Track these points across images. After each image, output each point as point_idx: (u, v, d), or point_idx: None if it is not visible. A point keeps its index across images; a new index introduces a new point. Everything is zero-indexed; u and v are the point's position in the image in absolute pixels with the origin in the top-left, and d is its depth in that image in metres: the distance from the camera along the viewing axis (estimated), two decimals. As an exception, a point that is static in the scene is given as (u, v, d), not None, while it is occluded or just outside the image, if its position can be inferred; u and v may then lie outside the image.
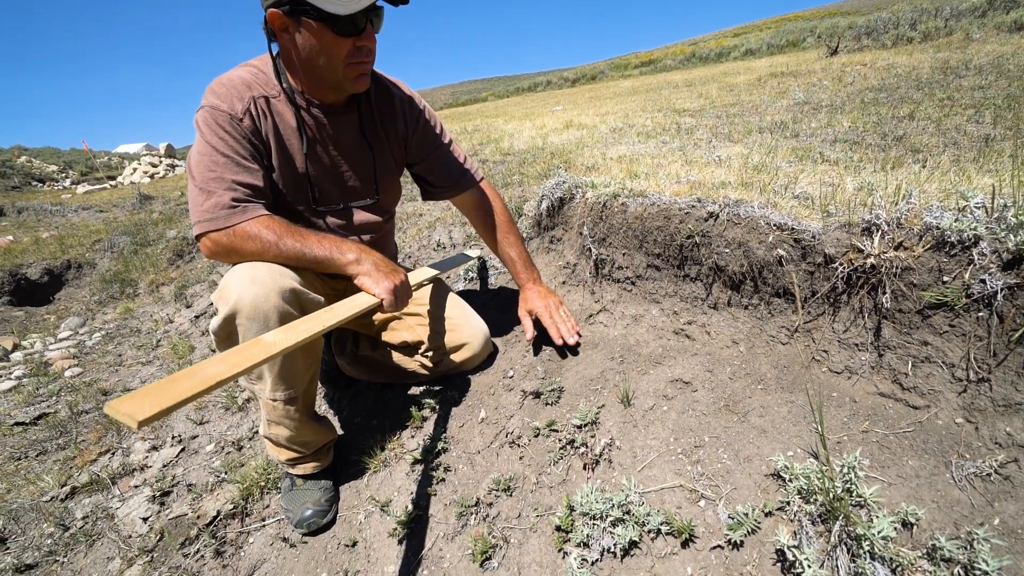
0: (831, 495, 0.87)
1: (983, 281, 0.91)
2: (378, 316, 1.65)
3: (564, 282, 1.87)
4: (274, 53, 1.31)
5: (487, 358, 1.72)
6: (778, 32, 15.30)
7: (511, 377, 1.60)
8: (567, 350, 1.59)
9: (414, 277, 1.59)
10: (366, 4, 1.15)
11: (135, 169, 16.98)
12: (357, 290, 1.30)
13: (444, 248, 2.66)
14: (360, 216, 1.53)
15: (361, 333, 1.82)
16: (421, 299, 1.71)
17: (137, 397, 0.83)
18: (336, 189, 1.45)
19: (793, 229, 1.19)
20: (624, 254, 1.58)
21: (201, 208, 1.17)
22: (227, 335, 1.19)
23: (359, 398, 1.93)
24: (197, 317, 3.55)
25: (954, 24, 6.10)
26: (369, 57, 1.30)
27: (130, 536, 1.58)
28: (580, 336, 1.59)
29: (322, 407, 1.98)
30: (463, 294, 2.27)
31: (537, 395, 1.46)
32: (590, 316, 1.67)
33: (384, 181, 1.54)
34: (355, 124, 1.43)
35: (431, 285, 1.74)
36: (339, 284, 1.54)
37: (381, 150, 1.50)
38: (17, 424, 2.42)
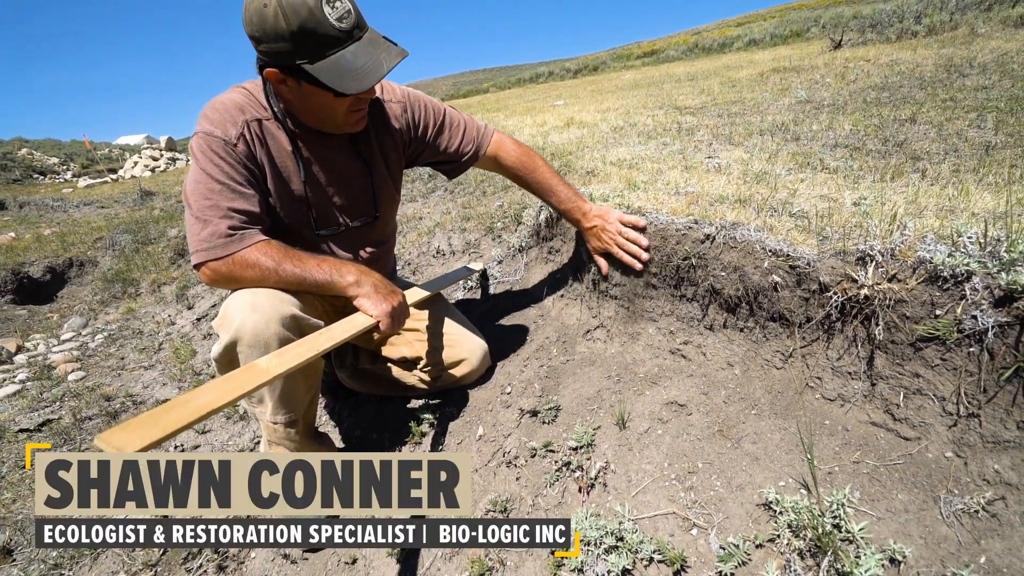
0: (820, 530, 0.88)
1: (975, 317, 0.92)
2: (376, 335, 1.66)
3: (562, 295, 1.87)
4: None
5: (486, 372, 1.74)
6: (782, 22, 15.13)
7: (509, 393, 1.61)
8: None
9: (414, 295, 1.60)
10: (374, 82, 1.16)
11: (136, 163, 16.96)
12: (356, 308, 1.31)
13: (443, 255, 2.67)
14: (362, 235, 1.53)
15: (361, 347, 1.84)
16: (420, 314, 1.72)
17: (128, 428, 0.84)
18: (335, 210, 1.45)
19: (788, 256, 1.19)
20: (622, 271, 1.59)
21: (198, 237, 1.18)
22: (228, 362, 1.20)
23: (359, 410, 1.95)
24: (199, 319, 3.57)
25: (959, 18, 6.03)
26: (367, 103, 1.31)
27: (134, 550, 1.61)
28: (648, 251, 1.50)
29: (323, 418, 2.00)
30: (463, 303, 2.28)
31: (534, 413, 1.47)
32: (587, 331, 1.68)
33: (383, 197, 1.54)
34: (348, 144, 1.43)
35: (431, 300, 1.75)
36: (338, 302, 1.55)
37: (378, 165, 1.49)
38: (22, 431, 2.45)
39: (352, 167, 1.44)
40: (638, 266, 1.51)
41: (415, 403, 1.81)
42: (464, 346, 1.65)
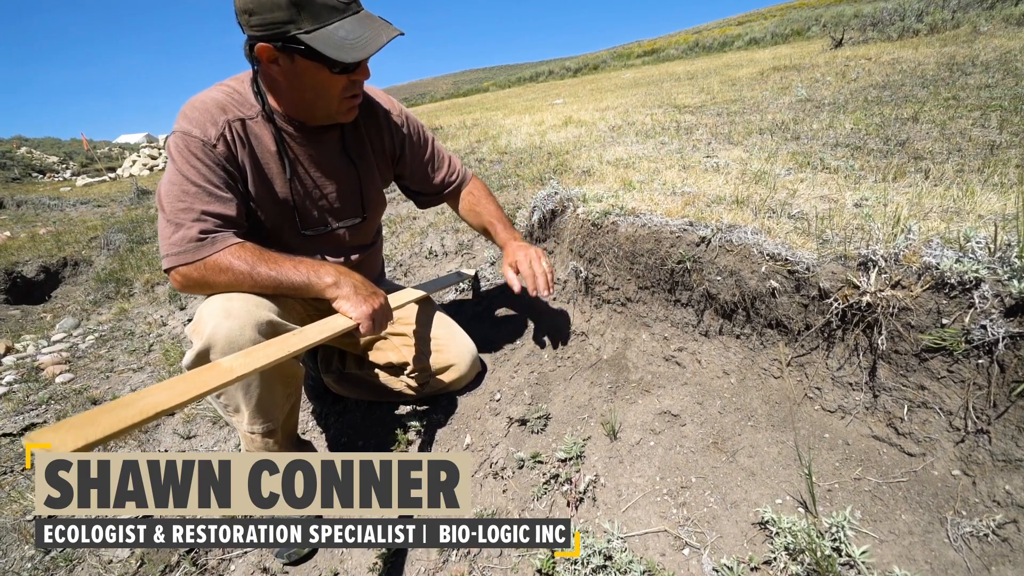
0: (819, 554, 0.83)
1: (984, 327, 0.86)
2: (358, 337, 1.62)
3: (555, 298, 1.82)
4: (255, 70, 1.24)
5: (475, 377, 1.69)
6: (783, 20, 15.06)
7: (498, 400, 1.56)
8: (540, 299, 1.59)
9: (400, 297, 1.54)
10: (371, 52, 1.12)
11: (134, 162, 16.91)
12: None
13: (436, 256, 2.61)
14: (348, 237, 1.48)
15: (347, 351, 1.78)
16: (407, 319, 1.67)
17: (62, 428, 0.78)
18: (321, 212, 1.40)
19: (787, 260, 1.14)
20: (615, 275, 1.53)
21: (169, 241, 1.12)
22: None
23: (346, 415, 1.90)
24: (190, 320, 3.52)
25: (961, 16, 5.97)
26: (361, 89, 1.26)
27: (111, 561, 1.56)
28: (553, 290, 1.49)
29: (309, 423, 1.94)
30: (453, 306, 2.22)
31: (523, 422, 1.42)
32: (580, 336, 1.62)
33: (371, 199, 1.49)
34: (338, 143, 1.38)
35: (418, 303, 1.69)
36: (323, 304, 1.50)
37: (366, 167, 1.44)
38: (5, 435, 2.40)
39: (340, 167, 1.39)
40: (535, 285, 1.46)
41: (402, 409, 1.76)
42: (452, 351, 1.60)
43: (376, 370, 1.71)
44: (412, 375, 1.64)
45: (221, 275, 1.13)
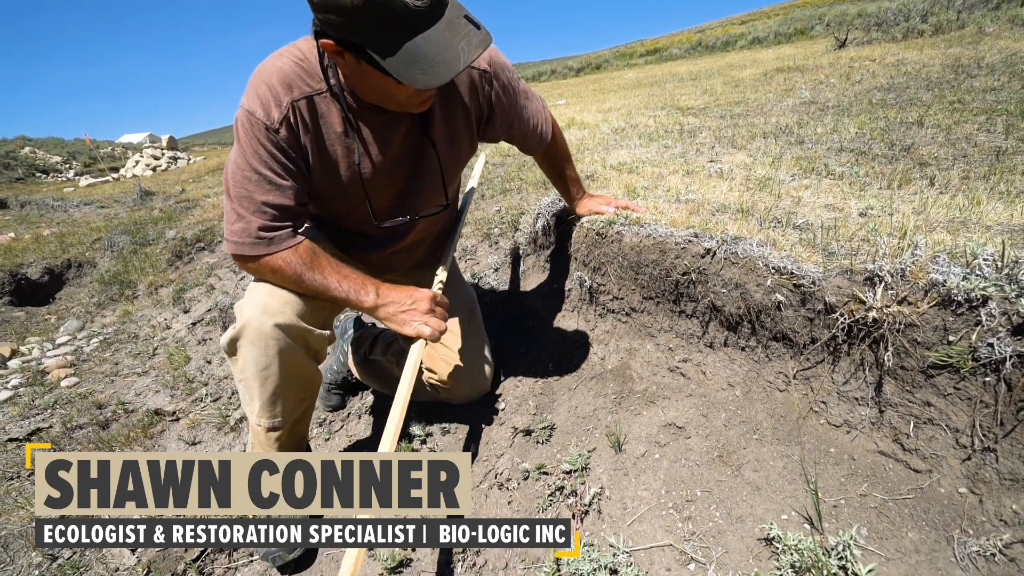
0: (825, 573, 0.83)
1: (991, 345, 0.86)
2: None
3: (559, 307, 1.82)
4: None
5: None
6: (786, 19, 15.01)
7: (503, 409, 1.56)
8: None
9: (440, 275, 1.43)
10: (448, 78, 0.96)
11: (137, 162, 16.95)
12: None
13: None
14: (428, 225, 1.43)
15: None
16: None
17: None
18: (399, 200, 1.32)
19: (792, 273, 1.14)
20: (619, 285, 1.53)
21: (231, 228, 1.16)
22: (232, 351, 1.22)
23: (349, 422, 1.91)
24: (194, 324, 3.53)
25: (966, 17, 5.94)
26: (434, 90, 1.15)
27: (117, 569, 1.57)
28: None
29: (312, 431, 1.95)
30: (457, 312, 2.23)
31: (528, 433, 1.42)
32: (584, 346, 1.62)
33: (452, 181, 1.39)
34: (414, 122, 1.23)
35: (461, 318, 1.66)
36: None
37: (448, 147, 1.30)
38: (11, 440, 2.41)
39: (417, 149, 1.27)
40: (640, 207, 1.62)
41: (406, 417, 1.76)
42: (475, 365, 1.56)
43: (397, 360, 1.68)
44: (431, 379, 1.61)
45: (271, 275, 1.20)
